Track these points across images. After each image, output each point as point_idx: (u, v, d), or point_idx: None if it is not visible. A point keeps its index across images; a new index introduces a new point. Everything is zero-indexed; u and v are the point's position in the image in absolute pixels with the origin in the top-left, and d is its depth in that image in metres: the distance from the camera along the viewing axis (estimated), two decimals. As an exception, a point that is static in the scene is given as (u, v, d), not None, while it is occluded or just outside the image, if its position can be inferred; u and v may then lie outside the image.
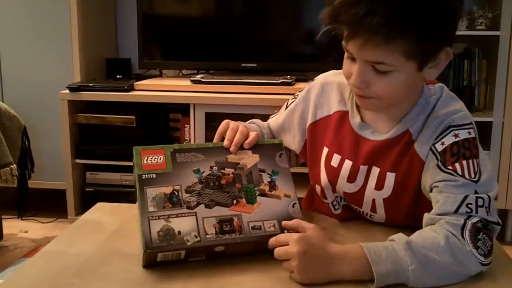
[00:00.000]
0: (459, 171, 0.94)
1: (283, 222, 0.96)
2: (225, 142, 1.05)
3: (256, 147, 1.06)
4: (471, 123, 0.99)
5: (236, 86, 2.54)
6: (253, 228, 0.95)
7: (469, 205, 0.91)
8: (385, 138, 1.03)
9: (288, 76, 2.57)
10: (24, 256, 2.44)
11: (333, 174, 1.10)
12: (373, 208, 1.08)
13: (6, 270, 2.26)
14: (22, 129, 2.48)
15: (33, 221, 2.88)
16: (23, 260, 2.38)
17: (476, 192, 0.93)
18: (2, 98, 2.82)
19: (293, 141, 1.18)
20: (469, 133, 0.97)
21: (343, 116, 1.10)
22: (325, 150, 1.11)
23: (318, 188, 1.15)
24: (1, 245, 2.55)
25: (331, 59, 2.74)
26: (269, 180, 1.02)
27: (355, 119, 1.08)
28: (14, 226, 2.76)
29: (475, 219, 0.91)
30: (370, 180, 1.05)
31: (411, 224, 1.01)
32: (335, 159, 1.09)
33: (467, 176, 0.94)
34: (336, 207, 1.14)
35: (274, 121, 1.25)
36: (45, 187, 2.86)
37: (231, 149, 1.04)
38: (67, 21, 2.71)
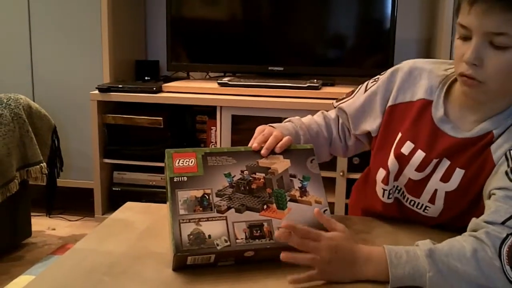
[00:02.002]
0: None
1: (316, 209, 0.95)
2: (254, 145, 1.05)
3: (287, 152, 1.05)
4: None
5: (263, 89, 2.55)
6: None
7: None
8: (467, 136, 1.01)
9: (315, 80, 2.57)
10: (52, 253, 2.48)
11: (402, 160, 1.08)
12: (432, 199, 1.06)
13: (34, 266, 2.31)
14: (52, 128, 2.53)
15: (61, 219, 2.93)
16: (50, 257, 2.42)
17: None
18: (33, 97, 2.88)
19: (373, 123, 1.15)
20: None
21: (426, 105, 1.07)
22: (399, 136, 1.09)
23: (382, 172, 1.12)
24: (29, 241, 2.59)
25: (358, 63, 2.75)
26: (300, 185, 1.02)
27: (438, 111, 1.05)
28: (42, 223, 2.81)
29: None
30: (438, 171, 1.04)
31: (462, 225, 0.98)
32: (407, 147, 1.07)
33: None
34: (390, 196, 1.12)
35: (350, 105, 1.20)
36: (73, 185, 2.91)
37: (262, 152, 1.03)
38: (98, 23, 2.76)
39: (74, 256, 1.01)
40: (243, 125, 2.60)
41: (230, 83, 2.61)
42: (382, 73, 1.17)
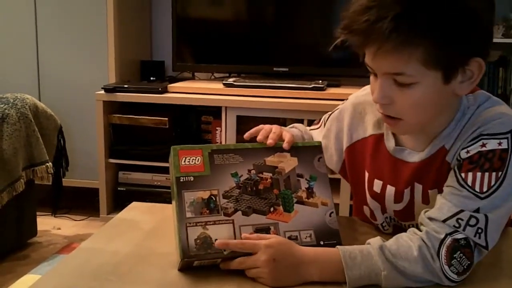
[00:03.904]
0: (469, 182, 0.90)
1: (243, 235, 0.93)
2: (259, 137, 1.03)
3: (295, 150, 1.03)
4: (508, 132, 0.91)
5: (268, 90, 2.55)
6: (289, 238, 0.94)
7: (459, 221, 0.88)
8: (423, 158, 0.99)
9: (320, 81, 2.57)
10: (57, 253, 2.48)
11: (378, 198, 1.08)
12: None
13: (39, 266, 2.32)
14: (58, 128, 2.54)
15: (66, 219, 2.94)
16: (56, 256, 2.43)
17: (475, 210, 0.88)
18: (40, 97, 2.89)
19: (331, 161, 1.15)
20: (500, 143, 0.90)
21: (378, 139, 1.06)
22: (366, 175, 1.09)
23: (366, 209, 1.13)
24: (35, 241, 2.60)
25: (364, 64, 2.74)
26: (307, 186, 1.00)
27: (390, 143, 1.04)
28: (47, 223, 2.82)
29: (459, 236, 0.88)
30: (416, 196, 1.02)
31: None
32: (377, 185, 1.07)
33: (477, 188, 0.89)
34: (386, 227, 1.11)
35: (315, 137, 1.21)
36: (78, 185, 2.93)
37: (268, 142, 1.01)
38: (103, 24, 2.77)
39: (80, 255, 1.01)
40: (248, 126, 2.55)
41: (235, 83, 2.61)
42: (335, 109, 1.17)
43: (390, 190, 1.05)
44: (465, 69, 0.89)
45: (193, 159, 0.98)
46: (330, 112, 1.19)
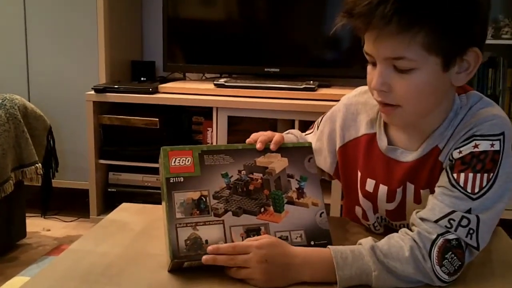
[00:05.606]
0: (461, 182, 0.90)
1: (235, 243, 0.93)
2: (249, 139, 1.03)
3: (285, 150, 1.03)
4: (500, 134, 0.92)
5: (259, 91, 2.55)
6: (280, 238, 0.94)
7: (451, 221, 0.89)
8: (416, 158, 1.00)
9: (311, 82, 2.57)
10: (47, 254, 2.47)
11: (370, 198, 1.08)
12: None
13: (29, 267, 2.30)
14: (47, 128, 2.52)
15: (56, 220, 2.92)
16: (45, 258, 2.41)
17: (467, 211, 0.89)
18: (29, 98, 2.86)
19: (324, 163, 1.15)
20: (492, 145, 0.91)
21: (371, 139, 1.07)
22: (359, 175, 1.09)
23: (358, 209, 1.13)
24: (24, 242, 2.58)
25: (355, 65, 2.75)
26: (297, 186, 1.00)
27: (382, 142, 1.04)
28: (37, 224, 2.80)
29: (450, 236, 0.88)
30: (408, 196, 1.03)
31: None
32: (369, 184, 1.07)
33: (468, 189, 0.90)
34: (377, 228, 1.12)
35: (310, 141, 1.19)
36: (68, 186, 2.91)
37: (258, 146, 1.01)
38: (94, 24, 2.75)
39: (69, 257, 1.00)
40: (239, 126, 2.60)
41: (226, 84, 2.61)
42: (328, 111, 1.18)
43: (383, 189, 1.05)
44: (462, 59, 0.91)
45: (183, 159, 0.97)
46: (322, 115, 1.19)
